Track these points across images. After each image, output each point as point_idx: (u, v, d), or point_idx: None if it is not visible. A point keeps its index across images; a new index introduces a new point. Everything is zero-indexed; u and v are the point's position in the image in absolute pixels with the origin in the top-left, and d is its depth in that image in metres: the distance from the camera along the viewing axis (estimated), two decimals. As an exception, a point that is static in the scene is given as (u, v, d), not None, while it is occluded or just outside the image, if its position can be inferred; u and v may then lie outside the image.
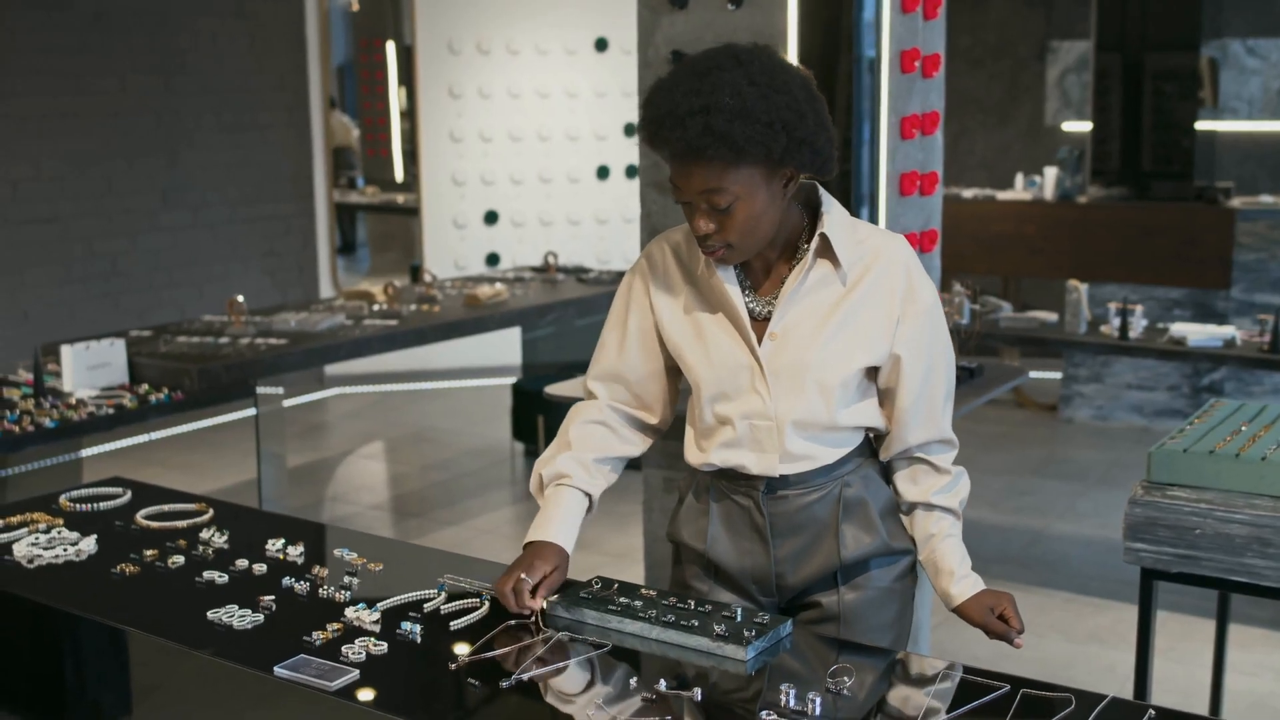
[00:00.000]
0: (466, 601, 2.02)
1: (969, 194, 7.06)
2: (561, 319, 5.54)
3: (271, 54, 7.20)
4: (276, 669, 1.79)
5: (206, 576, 2.15)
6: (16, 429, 3.45)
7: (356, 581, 2.12)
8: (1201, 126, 6.83)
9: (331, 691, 1.74)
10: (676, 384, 2.17)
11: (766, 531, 2.07)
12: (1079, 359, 6.58)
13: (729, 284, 2.01)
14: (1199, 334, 4.41)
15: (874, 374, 2.05)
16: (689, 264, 2.08)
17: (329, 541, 2.38)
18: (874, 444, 2.13)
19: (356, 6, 8.29)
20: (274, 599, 2.04)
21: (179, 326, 4.56)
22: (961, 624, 2.10)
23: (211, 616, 1.98)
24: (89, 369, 3.85)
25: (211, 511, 2.48)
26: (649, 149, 1.93)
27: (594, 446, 2.13)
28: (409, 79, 7.61)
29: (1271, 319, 4.33)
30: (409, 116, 7.74)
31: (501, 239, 7.73)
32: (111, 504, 2.54)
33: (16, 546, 2.27)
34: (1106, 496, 5.43)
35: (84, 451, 4.40)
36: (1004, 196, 6.92)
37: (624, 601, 1.95)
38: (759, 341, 2.01)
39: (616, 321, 2.15)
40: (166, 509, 2.49)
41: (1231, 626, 3.17)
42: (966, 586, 2.05)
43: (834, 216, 2.00)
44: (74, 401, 3.69)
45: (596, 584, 2.01)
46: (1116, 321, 4.54)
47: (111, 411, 3.66)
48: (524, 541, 2.08)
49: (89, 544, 2.29)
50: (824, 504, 2.05)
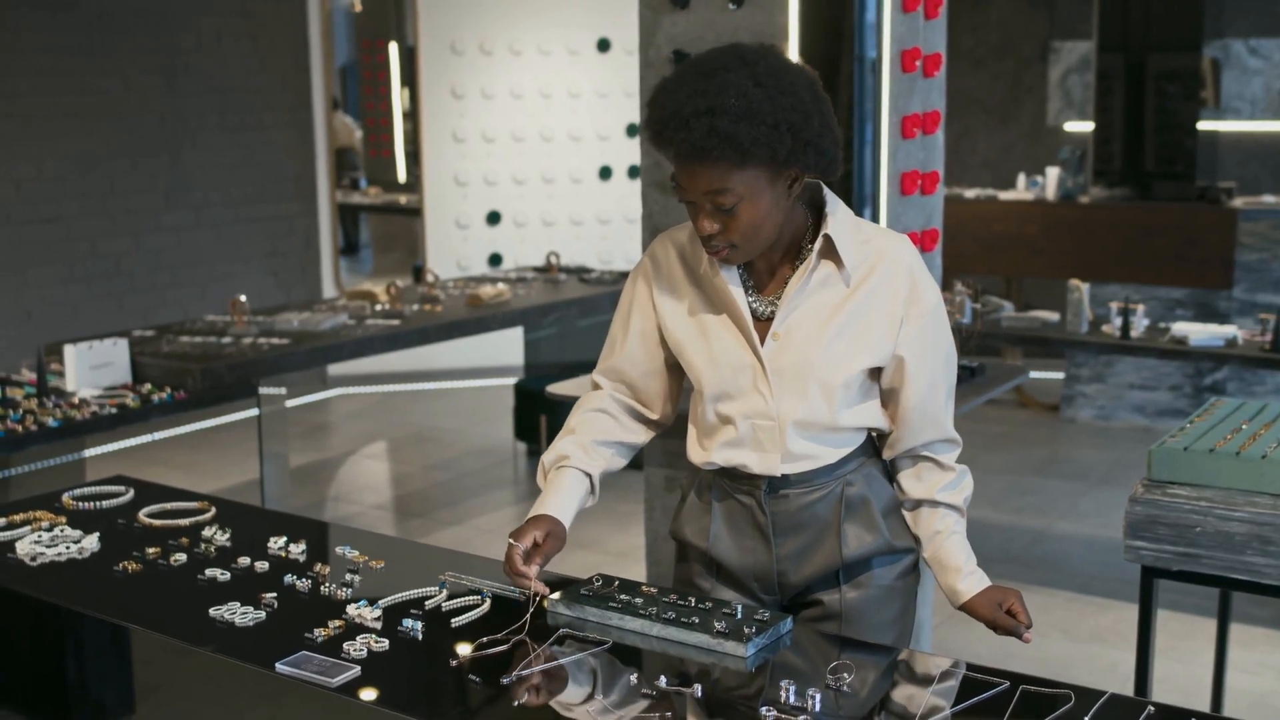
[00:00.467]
0: (468, 599, 2.02)
1: (971, 194, 7.05)
2: (564, 319, 5.55)
3: (274, 54, 7.21)
4: (278, 665, 1.80)
5: (209, 574, 2.15)
6: (19, 428, 3.46)
7: (358, 579, 2.13)
8: (1204, 127, 6.83)
9: (333, 688, 1.74)
10: (679, 382, 2.18)
11: (768, 530, 2.07)
12: (1081, 359, 6.58)
13: (732, 284, 2.01)
14: (1200, 333, 4.41)
15: (877, 375, 2.05)
16: (692, 263, 2.08)
17: (331, 539, 2.39)
18: (877, 443, 2.13)
19: (359, 7, 8.30)
20: (276, 596, 2.05)
21: (182, 326, 4.57)
22: (964, 623, 2.11)
23: (213, 614, 1.99)
24: (92, 368, 3.86)
25: (214, 510, 2.48)
26: (654, 148, 1.93)
27: (595, 431, 2.14)
28: (412, 79, 7.62)
29: (1273, 318, 4.33)
30: (411, 117, 7.75)
31: (504, 239, 7.74)
32: (114, 502, 2.54)
33: (19, 544, 2.28)
34: (1108, 496, 5.44)
35: (87, 452, 4.41)
36: (1006, 197, 6.92)
37: (625, 599, 1.96)
38: (761, 341, 2.01)
39: (621, 319, 2.16)
40: (169, 507, 2.50)
41: (1233, 626, 3.18)
42: (973, 582, 2.04)
43: (838, 217, 2.00)
44: (77, 401, 3.70)
45: (597, 581, 2.02)
46: (1118, 321, 4.54)
47: (114, 411, 3.67)
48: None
49: (91, 542, 2.30)
50: (826, 503, 2.05)
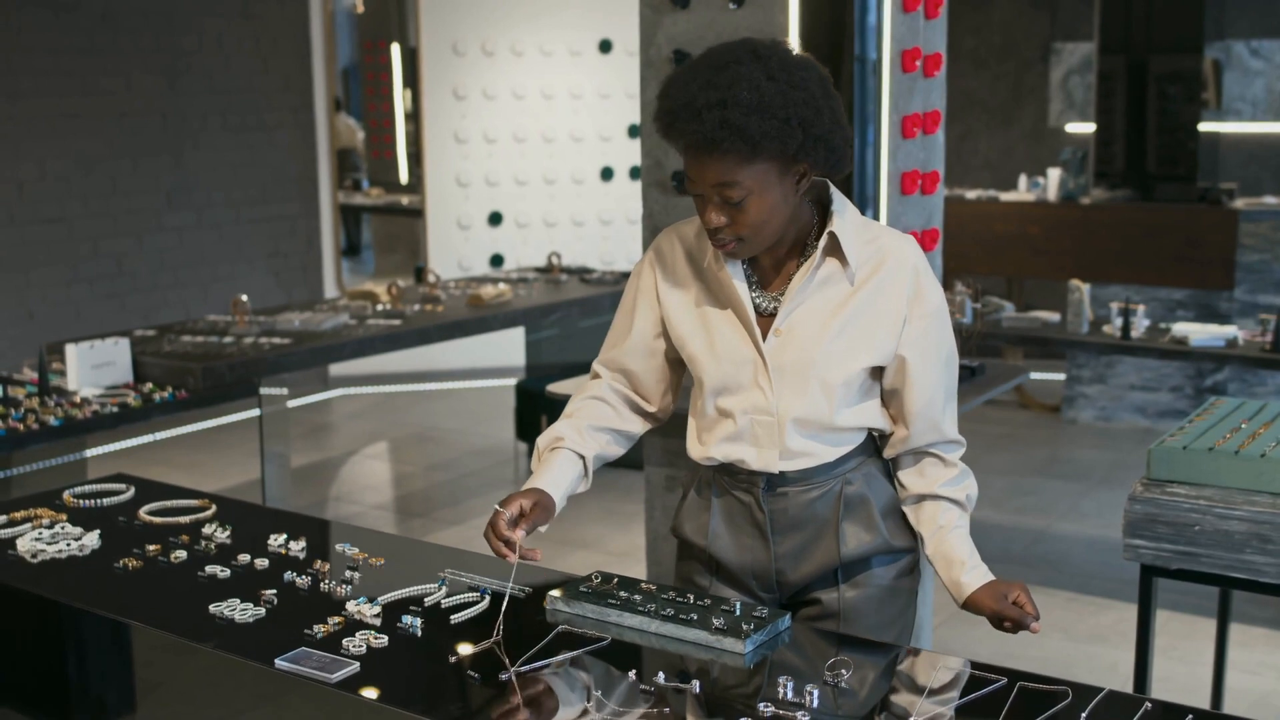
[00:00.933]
0: (467, 596, 2.03)
1: (973, 195, 7.06)
2: (565, 319, 5.55)
3: (277, 55, 7.22)
4: (277, 661, 1.81)
5: (209, 571, 2.16)
6: (21, 427, 3.47)
7: (358, 576, 2.13)
8: (1205, 128, 6.84)
9: (332, 684, 1.75)
10: (678, 375, 2.18)
11: (767, 528, 2.07)
12: (1082, 360, 6.58)
13: (736, 278, 2.01)
14: (1201, 334, 4.41)
15: (878, 374, 2.05)
16: (698, 257, 2.08)
17: (331, 537, 2.40)
18: (878, 442, 2.12)
19: (361, 8, 8.30)
20: (275, 593, 2.05)
21: (183, 326, 4.57)
22: (964, 624, 2.11)
23: (213, 610, 1.99)
24: (94, 368, 3.87)
25: (214, 507, 2.49)
26: (663, 140, 1.92)
27: (591, 416, 2.14)
28: (413, 80, 7.63)
29: (1274, 319, 4.33)
30: (413, 118, 7.75)
31: (506, 240, 7.74)
32: (115, 500, 2.55)
33: (20, 541, 2.29)
34: (1109, 496, 5.44)
35: (88, 451, 4.42)
36: (1007, 197, 6.93)
37: (623, 595, 1.96)
38: (764, 337, 2.01)
39: (624, 310, 2.17)
40: (169, 505, 2.51)
41: (1233, 625, 3.18)
42: (978, 576, 2.01)
43: (844, 215, 2.00)
44: (79, 400, 3.71)
45: (596, 578, 2.02)
46: (1119, 322, 4.54)
47: (116, 410, 3.68)
48: None
49: (92, 539, 2.30)
50: (824, 501, 2.05)
